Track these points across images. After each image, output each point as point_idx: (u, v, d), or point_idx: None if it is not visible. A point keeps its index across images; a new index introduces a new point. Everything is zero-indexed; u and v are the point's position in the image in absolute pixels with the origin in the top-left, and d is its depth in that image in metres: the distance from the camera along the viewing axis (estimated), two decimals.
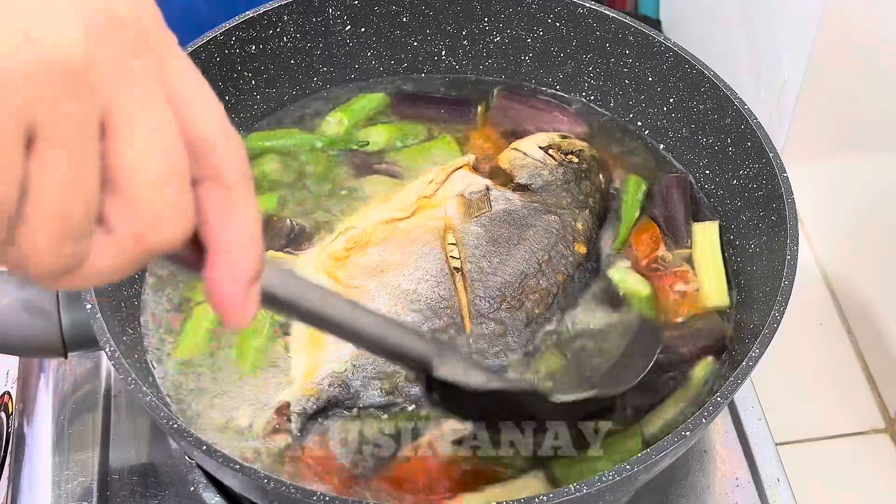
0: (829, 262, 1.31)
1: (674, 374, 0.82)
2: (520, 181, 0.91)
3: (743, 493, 0.87)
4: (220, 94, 0.92)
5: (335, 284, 0.83)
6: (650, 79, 0.95)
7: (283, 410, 0.77)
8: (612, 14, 0.94)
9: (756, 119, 0.87)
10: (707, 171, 0.94)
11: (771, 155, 0.84)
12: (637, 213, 0.93)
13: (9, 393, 0.94)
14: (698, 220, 0.92)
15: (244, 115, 0.96)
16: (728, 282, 0.88)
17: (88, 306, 0.73)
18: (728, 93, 0.89)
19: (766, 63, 1.32)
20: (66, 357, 0.78)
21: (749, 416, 0.92)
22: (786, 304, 0.76)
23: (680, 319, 0.86)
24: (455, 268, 0.84)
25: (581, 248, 0.88)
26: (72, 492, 0.84)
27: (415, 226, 0.87)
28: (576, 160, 0.93)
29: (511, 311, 0.82)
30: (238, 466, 0.67)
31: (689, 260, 0.90)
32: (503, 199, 0.89)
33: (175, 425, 0.69)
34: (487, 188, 0.90)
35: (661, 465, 0.73)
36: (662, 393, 0.82)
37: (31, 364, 0.94)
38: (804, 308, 1.26)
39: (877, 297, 1.23)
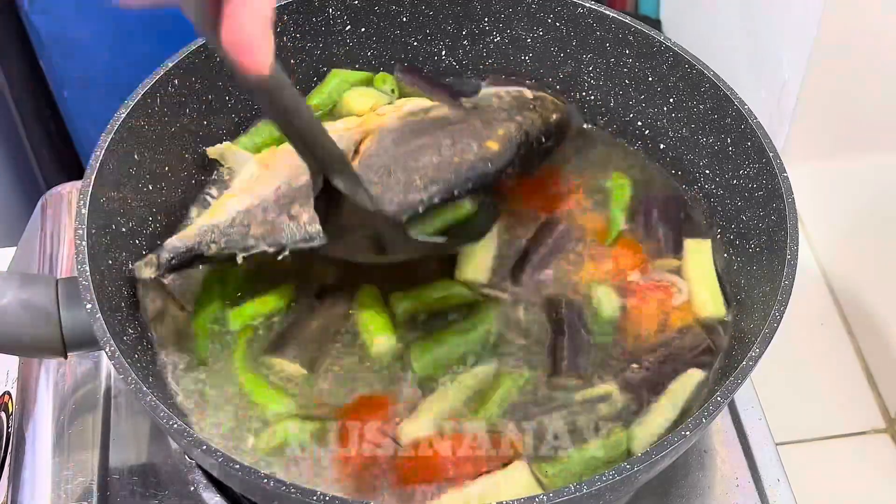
0: (829, 262, 1.31)
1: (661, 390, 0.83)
2: (466, 105, 0.92)
3: (743, 493, 0.87)
4: (220, 94, 0.93)
5: None
6: (650, 79, 0.95)
7: (160, 249, 0.83)
8: (612, 14, 0.94)
9: (756, 119, 0.87)
10: (707, 171, 0.94)
11: (771, 155, 0.84)
12: (624, 217, 0.93)
13: (9, 393, 0.94)
14: (691, 234, 0.92)
15: (244, 114, 0.96)
16: (724, 289, 0.88)
17: (88, 306, 0.73)
18: (728, 93, 0.89)
19: (766, 63, 1.31)
20: (66, 357, 0.78)
21: (749, 416, 0.92)
22: (786, 304, 0.76)
23: (664, 335, 0.85)
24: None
25: (493, 145, 0.89)
26: (72, 492, 0.84)
27: (351, 126, 0.90)
28: (529, 96, 0.94)
29: (392, 176, 0.85)
30: (238, 466, 0.67)
31: (676, 273, 0.89)
32: (441, 112, 0.91)
33: (175, 425, 0.69)
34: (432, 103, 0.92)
35: (661, 465, 0.73)
36: (648, 400, 0.82)
37: (31, 364, 0.94)
38: (804, 308, 1.25)
39: (877, 297, 1.23)
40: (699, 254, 0.90)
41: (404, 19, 0.99)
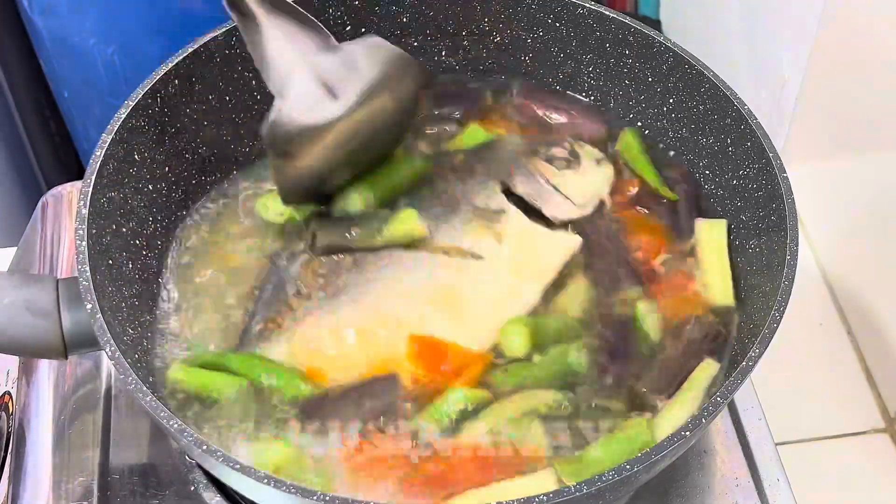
0: (829, 262, 1.31)
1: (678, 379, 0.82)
2: None
3: (743, 493, 0.87)
4: (221, 95, 0.93)
5: None
6: (650, 79, 0.95)
7: None
8: (612, 14, 0.94)
9: (756, 119, 0.87)
10: (707, 172, 0.94)
11: (771, 155, 0.84)
12: (648, 164, 0.94)
13: (9, 393, 0.95)
14: (703, 216, 0.92)
15: (244, 115, 0.96)
16: (734, 276, 0.88)
17: (88, 306, 0.73)
18: (728, 93, 0.89)
19: (766, 63, 1.31)
20: (66, 357, 0.78)
21: (749, 416, 0.92)
22: (786, 304, 0.76)
23: (679, 327, 0.85)
24: None
25: None
26: (72, 492, 0.84)
27: None
28: None
29: None
30: (238, 466, 0.67)
31: (690, 255, 0.89)
32: None
33: (175, 425, 0.69)
34: None
35: (660, 465, 0.73)
36: (667, 393, 0.82)
37: (31, 364, 0.94)
38: (804, 308, 1.25)
39: (877, 297, 1.23)
40: (713, 236, 0.89)
41: (405, 20, 0.99)
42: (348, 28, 0.98)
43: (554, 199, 0.89)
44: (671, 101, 0.95)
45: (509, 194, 0.90)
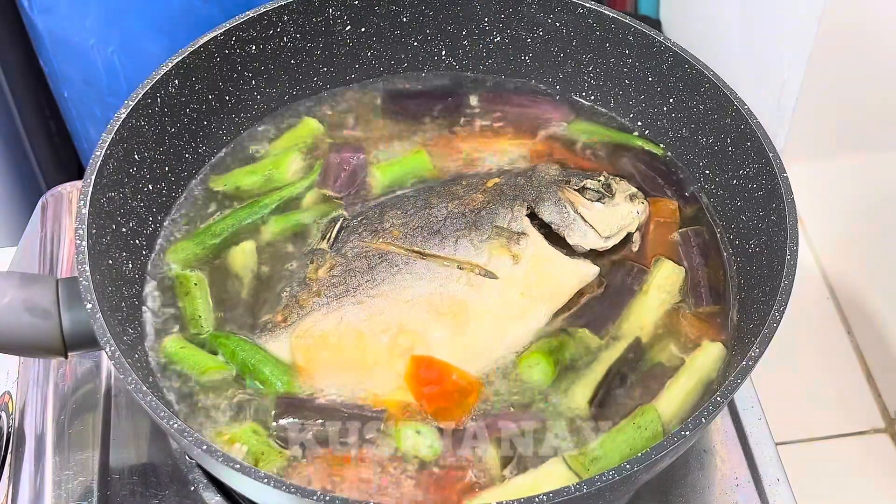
0: (829, 262, 1.31)
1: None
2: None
3: (743, 493, 0.87)
4: (220, 94, 0.93)
5: None
6: (650, 79, 0.95)
7: None
8: (612, 14, 0.95)
9: (756, 119, 0.87)
10: (707, 171, 0.94)
11: (771, 155, 0.85)
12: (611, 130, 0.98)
13: (9, 393, 0.95)
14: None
15: (244, 114, 0.96)
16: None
17: (88, 306, 0.73)
18: (728, 93, 0.89)
19: (766, 63, 1.32)
20: (66, 357, 0.79)
21: (749, 415, 0.92)
22: (786, 304, 0.76)
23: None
24: None
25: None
26: (72, 492, 0.84)
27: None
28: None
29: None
30: (238, 466, 0.67)
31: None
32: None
33: (175, 425, 0.69)
34: None
35: (660, 465, 0.73)
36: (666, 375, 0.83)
37: (31, 364, 0.94)
38: (804, 308, 1.26)
39: (877, 296, 1.23)
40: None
41: (404, 19, 0.99)
42: (348, 27, 0.98)
43: (579, 228, 0.89)
44: (671, 101, 0.95)
45: (534, 218, 0.91)
